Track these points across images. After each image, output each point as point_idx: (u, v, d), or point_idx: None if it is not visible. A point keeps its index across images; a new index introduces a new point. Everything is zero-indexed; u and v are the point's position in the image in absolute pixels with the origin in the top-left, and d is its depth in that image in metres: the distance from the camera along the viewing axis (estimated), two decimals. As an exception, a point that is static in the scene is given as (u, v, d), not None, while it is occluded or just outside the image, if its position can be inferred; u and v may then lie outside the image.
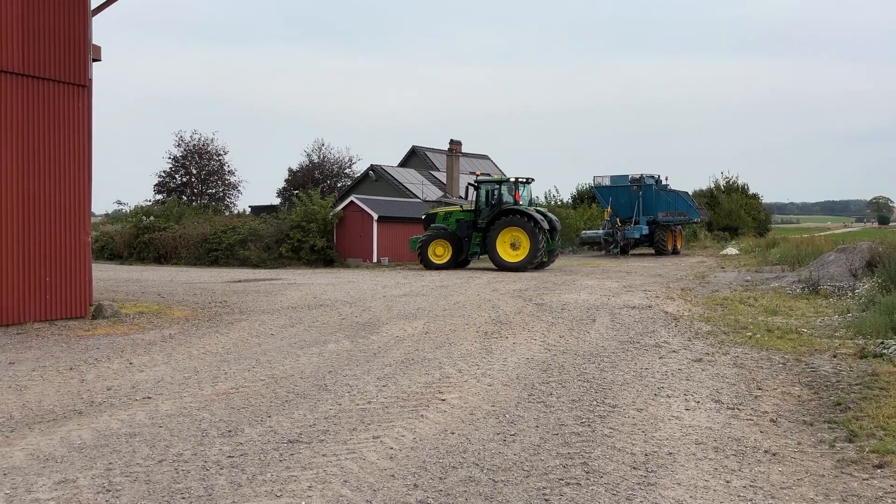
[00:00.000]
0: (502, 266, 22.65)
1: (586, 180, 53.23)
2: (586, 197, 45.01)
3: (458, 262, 23.83)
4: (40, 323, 10.76)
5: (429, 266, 23.48)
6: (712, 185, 54.35)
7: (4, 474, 4.42)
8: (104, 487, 4.21)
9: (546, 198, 41.44)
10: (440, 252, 23.59)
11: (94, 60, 11.86)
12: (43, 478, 4.37)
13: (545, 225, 22.70)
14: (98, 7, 12.04)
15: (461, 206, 24.96)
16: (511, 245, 22.81)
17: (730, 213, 49.24)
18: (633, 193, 32.86)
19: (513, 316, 11.67)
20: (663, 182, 33.76)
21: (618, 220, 32.63)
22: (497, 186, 23.81)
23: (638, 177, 32.88)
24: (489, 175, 33.02)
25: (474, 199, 23.97)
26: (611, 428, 5.44)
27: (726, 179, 55.65)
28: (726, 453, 4.87)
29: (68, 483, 4.28)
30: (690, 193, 38.95)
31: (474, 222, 23.57)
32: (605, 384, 6.86)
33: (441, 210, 24.89)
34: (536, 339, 9.46)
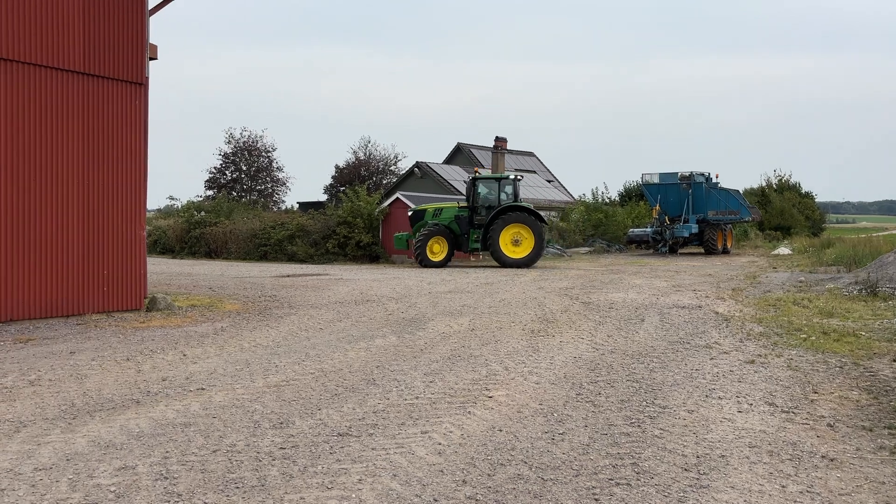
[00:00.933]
0: (505, 263, 22.63)
1: (634, 177, 52.53)
2: (634, 194, 44.45)
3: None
4: (98, 314, 11.11)
5: (426, 264, 22.99)
6: (764, 184, 53.17)
7: (68, 460, 4.58)
8: (162, 475, 4.33)
9: (594, 195, 41.02)
10: (437, 249, 23.16)
11: (151, 59, 12.17)
12: (104, 464, 4.51)
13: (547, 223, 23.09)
14: (155, 7, 12.35)
15: (458, 203, 24.59)
16: (513, 241, 22.80)
17: (782, 211, 48.09)
18: (683, 191, 32.29)
19: (559, 314, 11.60)
20: (713, 180, 33.10)
21: (666, 218, 32.12)
22: (497, 183, 23.73)
23: (687, 174, 32.30)
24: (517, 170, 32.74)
25: (472, 195, 23.72)
26: (661, 429, 5.37)
27: (778, 178, 54.39)
28: (781, 458, 4.76)
29: (128, 470, 4.42)
30: (741, 192, 38.12)
31: (471, 218, 23.44)
32: (654, 384, 6.77)
33: (430, 206, 24.40)
34: (584, 337, 9.39)
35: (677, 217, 32.22)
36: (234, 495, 4.04)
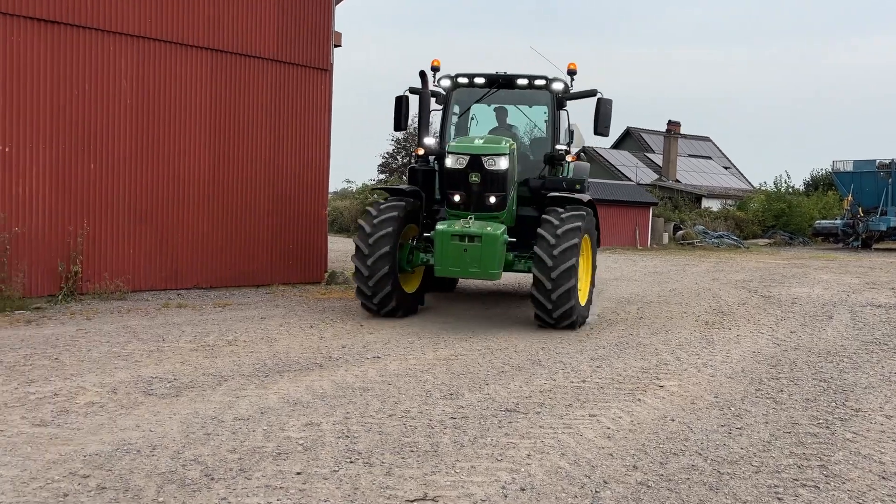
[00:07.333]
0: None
1: (822, 165, 48.40)
2: (821, 183, 41.04)
3: None
4: (283, 285, 12.00)
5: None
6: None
7: (262, 413, 5.02)
8: (343, 433, 4.63)
9: (776, 184, 38.24)
10: None
11: (335, 46, 12.87)
12: (293, 419, 4.90)
13: None
14: (340, -4, 13.01)
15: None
16: None
17: None
18: (881, 180, 29.31)
19: (736, 307, 10.99)
20: (920, 168, 29.74)
21: (860, 209, 29.36)
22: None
23: (888, 162, 29.26)
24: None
25: None
26: (853, 432, 4.95)
27: None
28: None
29: (314, 426, 4.77)
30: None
31: None
32: (845, 385, 6.25)
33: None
34: (763, 332, 8.83)
35: (873, 208, 29.33)
36: (409, 458, 4.24)
